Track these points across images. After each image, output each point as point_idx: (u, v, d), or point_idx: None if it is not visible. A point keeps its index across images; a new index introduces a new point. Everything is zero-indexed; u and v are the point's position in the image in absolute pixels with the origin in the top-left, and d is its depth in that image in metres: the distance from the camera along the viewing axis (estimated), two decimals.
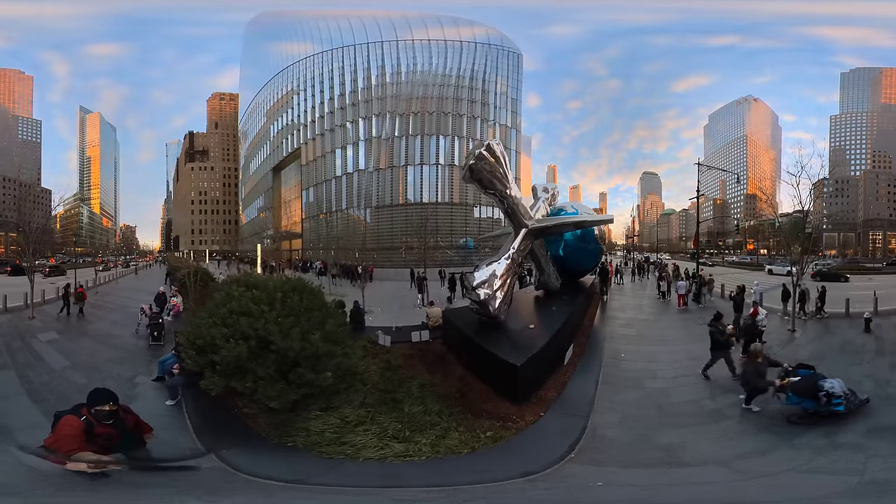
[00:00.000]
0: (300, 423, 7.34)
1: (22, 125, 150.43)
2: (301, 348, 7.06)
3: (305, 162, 66.99)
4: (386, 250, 52.79)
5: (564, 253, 17.14)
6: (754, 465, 6.35)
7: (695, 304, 20.54)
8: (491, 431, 7.51)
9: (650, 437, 7.46)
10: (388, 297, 24.48)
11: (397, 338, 12.61)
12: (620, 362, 11.64)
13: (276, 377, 7.05)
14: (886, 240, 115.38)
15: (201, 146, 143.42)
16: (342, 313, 10.29)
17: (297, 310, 7.62)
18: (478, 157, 10.92)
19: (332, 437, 7.06)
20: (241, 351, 6.89)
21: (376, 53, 60.06)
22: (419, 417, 7.79)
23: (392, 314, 18.60)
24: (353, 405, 7.94)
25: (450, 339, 12.26)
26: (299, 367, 7.12)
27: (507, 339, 10.39)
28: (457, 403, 8.44)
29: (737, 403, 8.59)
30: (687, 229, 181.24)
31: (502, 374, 8.81)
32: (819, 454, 6.51)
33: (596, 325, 15.84)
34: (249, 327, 7.11)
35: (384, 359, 10.97)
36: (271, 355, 7.03)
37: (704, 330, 12.97)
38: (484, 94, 58.83)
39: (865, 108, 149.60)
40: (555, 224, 13.99)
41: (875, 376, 9.62)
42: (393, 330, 13.44)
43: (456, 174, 55.53)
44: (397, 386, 9.17)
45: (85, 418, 4.81)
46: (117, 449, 5.03)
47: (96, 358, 11.96)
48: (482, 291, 10.53)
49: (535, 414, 8.35)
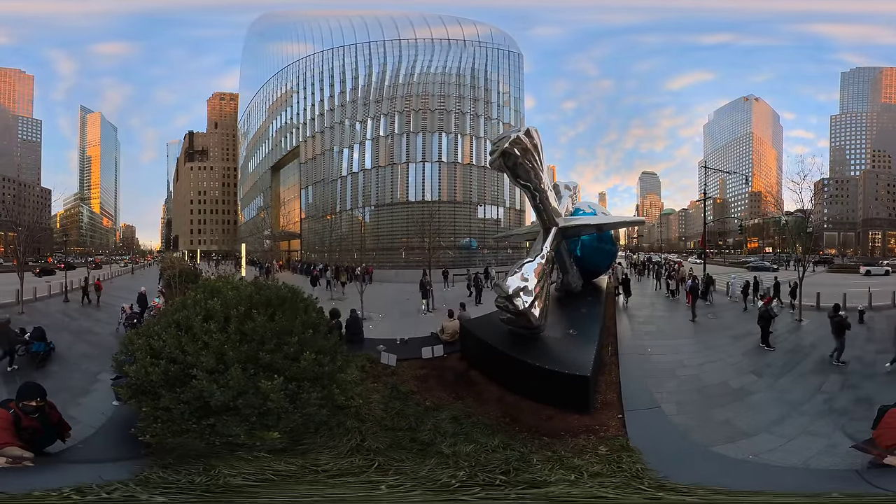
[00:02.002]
0: (218, 459, 4.95)
1: (22, 125, 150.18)
2: (239, 391, 5.18)
3: (304, 160, 66.78)
4: (386, 250, 52.44)
5: (582, 253, 16.67)
6: (786, 431, 7.73)
7: (702, 301, 20.76)
8: (603, 446, 6.29)
9: (709, 417, 8.43)
10: (388, 301, 23.33)
11: (404, 354, 10.85)
12: (650, 356, 12.32)
13: (187, 416, 5.26)
14: (886, 239, 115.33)
15: (201, 146, 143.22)
16: (332, 334, 7.69)
17: (260, 334, 5.81)
18: (514, 142, 9.66)
19: (239, 483, 4.05)
20: (153, 372, 5.39)
21: (378, 52, 59.82)
22: (483, 458, 5.13)
23: (393, 321, 17.59)
24: (339, 451, 5.25)
25: (471, 353, 10.82)
26: (221, 416, 5.20)
27: (551, 348, 9.67)
28: (514, 430, 7.18)
29: (753, 381, 10.31)
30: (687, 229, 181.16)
31: (569, 389, 8.21)
32: (819, 418, 8.21)
33: (617, 322, 16.19)
34: (177, 348, 5.55)
35: (389, 383, 8.93)
36: (190, 391, 5.27)
37: (716, 323, 16.79)
38: (487, 93, 58.60)
39: (866, 108, 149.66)
40: (586, 224, 13.34)
41: (862, 359, 11.64)
42: (398, 343, 11.98)
43: (459, 172, 55.22)
44: (416, 422, 6.97)
45: (13, 411, 5.00)
46: (40, 443, 5.17)
47: (71, 352, 12.65)
48: (521, 300, 9.21)
49: (613, 418, 8.03)
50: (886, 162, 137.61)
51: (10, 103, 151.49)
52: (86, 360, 11.94)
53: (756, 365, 11.46)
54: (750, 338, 13.91)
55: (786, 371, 10.85)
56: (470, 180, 55.65)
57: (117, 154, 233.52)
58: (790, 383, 10.04)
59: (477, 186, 55.79)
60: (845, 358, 11.17)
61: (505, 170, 10.27)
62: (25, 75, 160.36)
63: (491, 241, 52.34)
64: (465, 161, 55.84)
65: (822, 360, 11.48)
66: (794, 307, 17.74)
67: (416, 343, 11.67)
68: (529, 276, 9.64)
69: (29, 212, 30.09)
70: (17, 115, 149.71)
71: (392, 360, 10.15)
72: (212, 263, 66.11)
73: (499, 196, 56.99)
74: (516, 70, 61.37)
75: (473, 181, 55.72)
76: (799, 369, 11.00)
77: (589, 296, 15.12)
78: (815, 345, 13.05)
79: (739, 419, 8.23)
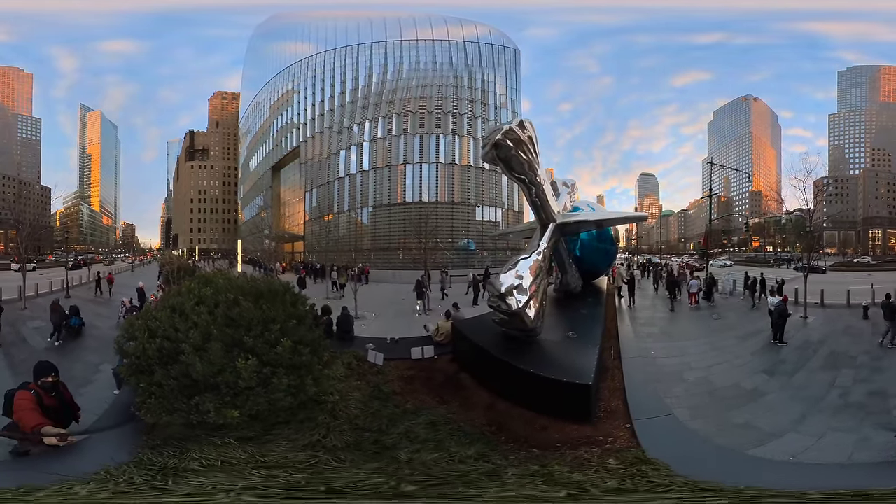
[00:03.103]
0: (193, 441, 5.26)
1: (21, 123, 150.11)
2: (218, 369, 5.54)
3: (305, 160, 66.80)
4: (383, 251, 52.46)
5: (581, 253, 16.29)
6: (811, 429, 7.57)
7: (705, 302, 20.87)
8: (612, 459, 5.57)
9: (727, 420, 8.05)
10: (384, 301, 23.08)
11: (393, 353, 10.51)
12: (655, 359, 11.94)
13: (176, 393, 5.68)
14: (886, 238, 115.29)
15: (201, 145, 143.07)
16: (315, 325, 7.84)
17: (247, 319, 6.16)
18: (506, 133, 9.32)
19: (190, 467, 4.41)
20: (149, 348, 5.86)
21: (379, 53, 59.86)
22: (439, 467, 5.06)
23: (387, 321, 17.36)
24: (295, 445, 5.32)
25: (462, 355, 10.30)
26: (203, 394, 5.58)
27: (548, 353, 9.06)
28: (499, 440, 6.58)
29: (766, 380, 10.23)
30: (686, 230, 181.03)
31: (569, 397, 7.52)
32: (838, 413, 8.16)
33: (618, 324, 15.71)
34: (170, 326, 6.03)
35: (373, 382, 8.56)
36: (178, 367, 5.72)
37: (722, 323, 16.82)
38: (484, 95, 58.60)
39: (864, 107, 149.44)
40: (586, 220, 12.91)
41: (871, 353, 11.92)
42: (388, 342, 11.63)
43: (457, 173, 55.23)
44: (389, 424, 6.64)
45: (34, 391, 5.16)
46: (64, 421, 5.32)
47: (73, 344, 13.15)
48: (514, 299, 8.57)
49: (619, 427, 7.36)
50: (886, 160, 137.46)
51: (9, 101, 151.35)
52: (87, 352, 12.31)
53: (766, 364, 11.33)
54: (756, 337, 13.80)
55: (798, 368, 10.71)
56: (468, 181, 55.68)
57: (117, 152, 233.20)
58: (804, 380, 9.91)
59: (475, 187, 55.82)
60: (854, 353, 11.45)
61: (498, 162, 9.81)
62: (24, 73, 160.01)
63: (489, 242, 52.33)
64: (463, 162, 55.86)
65: (832, 356, 11.51)
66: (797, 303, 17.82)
67: (407, 343, 11.19)
68: (524, 273, 8.95)
69: (30, 210, 30.69)
70: (16, 114, 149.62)
71: (379, 358, 9.77)
72: (210, 262, 66.15)
73: (497, 197, 57.01)
74: (513, 69, 61.21)
75: (471, 182, 55.75)
76: (810, 366, 10.88)
77: (589, 297, 14.73)
78: (823, 341, 13.02)
79: (759, 420, 7.93)
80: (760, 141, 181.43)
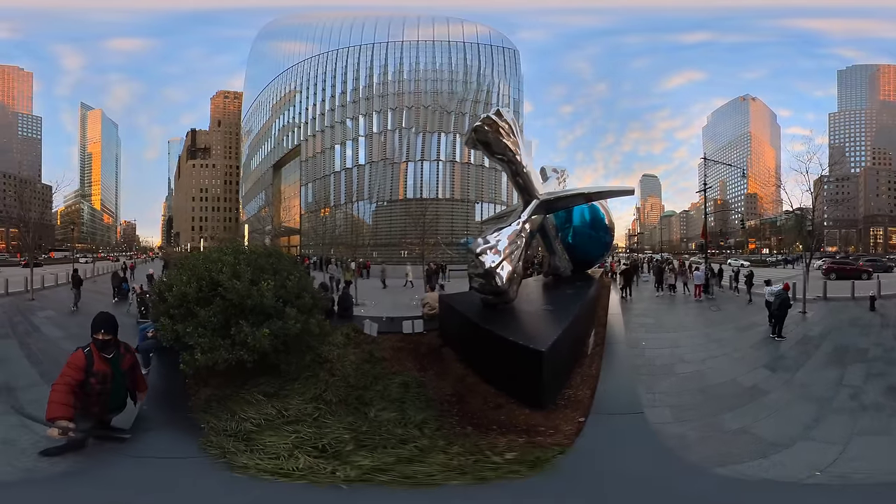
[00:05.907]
0: (234, 402, 6.14)
1: (22, 122, 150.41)
2: (247, 293, 6.62)
3: (306, 158, 67.02)
4: (384, 246, 52.67)
5: (574, 241, 16.06)
6: (831, 435, 6.27)
7: (704, 295, 20.85)
8: (512, 452, 5.16)
9: (717, 425, 6.81)
10: (384, 292, 23.48)
11: (386, 328, 11.17)
12: (645, 350, 11.34)
13: (218, 327, 6.51)
14: (887, 236, 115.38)
15: (203, 144, 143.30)
16: (311, 280, 9.23)
17: (262, 266, 7.47)
18: (484, 121, 10.13)
19: (249, 429, 5.47)
20: (189, 290, 6.70)
21: (380, 53, 60.07)
22: (386, 429, 5.68)
23: (385, 309, 17.42)
24: (305, 398, 6.41)
25: (448, 329, 10.62)
26: (243, 319, 6.57)
27: (520, 322, 8.96)
28: (453, 411, 6.60)
29: (767, 377, 9.38)
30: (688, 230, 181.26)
31: (520, 368, 6.87)
32: (861, 414, 7.14)
33: (611, 314, 14.90)
34: (205, 269, 7.02)
35: (367, 350, 9.31)
36: (218, 300, 6.67)
37: (721, 315, 15.64)
38: (487, 95, 58.82)
39: (864, 105, 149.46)
40: (567, 196, 12.80)
41: (882, 345, 11.22)
42: (383, 319, 12.24)
43: (458, 171, 55.49)
44: (372, 382, 7.41)
45: (88, 349, 4.79)
46: (110, 405, 4.93)
47: (86, 329, 12.90)
48: (488, 258, 8.94)
49: (571, 420, 6.25)
50: (887, 159, 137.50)
51: (9, 100, 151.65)
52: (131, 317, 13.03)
53: (767, 358, 10.49)
54: (756, 329, 13.26)
55: (801, 364, 9.91)
56: (468, 179, 55.89)
57: (118, 151, 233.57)
58: (809, 377, 8.97)
59: (475, 185, 56.03)
60: (866, 345, 11.06)
61: (479, 146, 10.60)
62: (24, 72, 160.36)
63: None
64: (464, 160, 56.04)
65: (835, 350, 10.85)
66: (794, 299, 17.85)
67: (401, 322, 11.67)
68: (502, 238, 9.41)
69: (34, 207, 31.27)
70: (16, 112, 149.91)
71: (374, 329, 10.55)
72: None
73: (497, 196, 57.21)
74: (514, 69, 61.38)
75: (471, 180, 55.96)
76: (813, 362, 10.14)
77: (579, 282, 14.35)
78: (825, 335, 12.44)
79: (759, 426, 6.68)
80: (759, 140, 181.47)
